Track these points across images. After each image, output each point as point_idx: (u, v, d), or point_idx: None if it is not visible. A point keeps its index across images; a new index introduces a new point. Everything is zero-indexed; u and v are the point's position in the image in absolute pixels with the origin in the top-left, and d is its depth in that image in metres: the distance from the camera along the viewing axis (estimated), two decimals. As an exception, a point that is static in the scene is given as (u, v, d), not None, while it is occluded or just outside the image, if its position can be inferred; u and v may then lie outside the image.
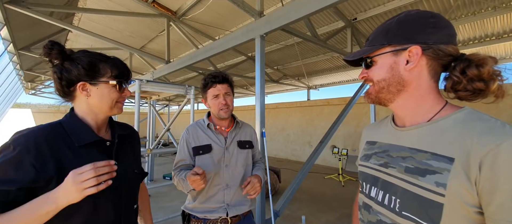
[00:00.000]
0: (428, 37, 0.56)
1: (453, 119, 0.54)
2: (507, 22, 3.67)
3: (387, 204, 0.59)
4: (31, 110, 14.97)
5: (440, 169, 0.50)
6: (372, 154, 0.69)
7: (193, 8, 3.94)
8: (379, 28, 0.63)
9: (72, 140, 0.71)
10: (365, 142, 0.76)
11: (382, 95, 0.63)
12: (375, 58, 0.62)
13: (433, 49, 0.56)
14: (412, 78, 0.58)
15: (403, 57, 0.58)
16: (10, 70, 7.60)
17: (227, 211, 1.23)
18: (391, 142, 0.65)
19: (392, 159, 0.62)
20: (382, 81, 0.62)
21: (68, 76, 0.73)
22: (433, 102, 0.59)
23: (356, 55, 0.65)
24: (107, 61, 0.78)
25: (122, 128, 0.90)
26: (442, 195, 0.49)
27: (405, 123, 0.63)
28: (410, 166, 0.56)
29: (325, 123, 7.64)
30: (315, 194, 4.57)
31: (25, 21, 3.82)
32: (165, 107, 13.40)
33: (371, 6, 3.50)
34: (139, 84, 3.58)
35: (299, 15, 2.20)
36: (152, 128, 5.62)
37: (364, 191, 0.69)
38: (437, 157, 0.52)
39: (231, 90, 1.30)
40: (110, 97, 0.77)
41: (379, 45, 0.61)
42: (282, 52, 5.56)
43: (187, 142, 1.28)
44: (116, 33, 5.03)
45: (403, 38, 0.58)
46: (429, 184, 0.51)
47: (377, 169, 0.65)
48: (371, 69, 0.64)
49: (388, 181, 0.60)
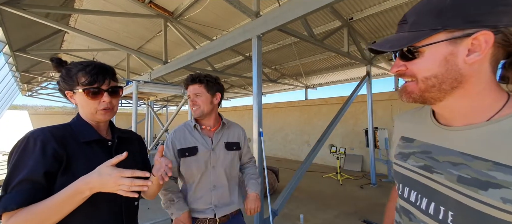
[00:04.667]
0: (499, 19, 0.42)
1: None
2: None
3: (434, 215, 0.51)
4: (28, 112, 14.85)
5: (508, 183, 0.41)
6: (410, 154, 0.60)
7: (190, 8, 3.94)
8: (424, 6, 0.48)
9: (78, 137, 0.79)
10: (400, 137, 0.66)
11: (430, 94, 0.50)
12: (422, 48, 0.47)
13: (503, 34, 0.43)
14: (472, 72, 0.46)
15: (463, 46, 0.44)
16: (6, 72, 7.54)
17: (215, 212, 1.24)
18: (435, 143, 0.54)
19: (437, 163, 0.52)
20: (432, 78, 0.48)
21: (59, 86, 0.83)
22: (493, 98, 0.47)
23: (396, 44, 0.49)
24: (83, 69, 0.79)
25: (121, 131, 0.97)
26: (510, 213, 0.41)
27: (454, 122, 0.52)
28: (465, 176, 0.46)
29: (323, 122, 7.67)
30: (313, 193, 4.60)
31: (20, 22, 3.80)
32: (163, 108, 13.36)
33: (367, 6, 3.52)
34: (137, 85, 3.58)
35: (295, 15, 2.21)
36: (150, 129, 5.61)
37: (401, 194, 0.61)
38: (502, 167, 0.42)
39: (205, 89, 1.26)
40: (87, 104, 0.81)
41: (429, 31, 0.46)
42: (280, 52, 5.58)
43: (173, 144, 1.27)
44: (113, 34, 5.01)
45: (465, 20, 0.43)
46: (493, 199, 0.42)
47: (417, 171, 0.56)
48: (414, 61, 0.49)
49: (434, 189, 0.52)
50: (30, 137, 0.70)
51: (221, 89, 1.34)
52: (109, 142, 0.86)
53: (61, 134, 0.75)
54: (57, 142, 0.72)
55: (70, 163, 0.73)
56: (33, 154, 0.68)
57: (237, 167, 1.38)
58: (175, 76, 8.17)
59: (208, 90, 1.27)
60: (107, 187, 0.67)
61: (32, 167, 0.66)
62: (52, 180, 0.69)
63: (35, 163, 0.67)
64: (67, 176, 0.71)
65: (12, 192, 0.63)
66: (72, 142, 0.76)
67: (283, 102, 9.45)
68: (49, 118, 14.17)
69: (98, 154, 0.81)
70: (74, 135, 0.79)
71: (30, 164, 0.66)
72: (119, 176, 0.67)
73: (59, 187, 0.68)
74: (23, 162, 0.67)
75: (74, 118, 0.85)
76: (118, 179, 0.66)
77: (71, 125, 0.82)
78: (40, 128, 0.74)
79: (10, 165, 0.67)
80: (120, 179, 0.66)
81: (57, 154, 0.71)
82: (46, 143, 0.70)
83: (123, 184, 0.66)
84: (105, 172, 0.67)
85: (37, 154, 0.68)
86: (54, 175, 0.70)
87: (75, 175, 0.70)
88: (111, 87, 0.84)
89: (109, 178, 0.66)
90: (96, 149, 0.81)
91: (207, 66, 5.61)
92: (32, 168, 0.66)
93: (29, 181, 0.65)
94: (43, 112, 15.47)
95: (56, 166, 0.70)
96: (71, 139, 0.77)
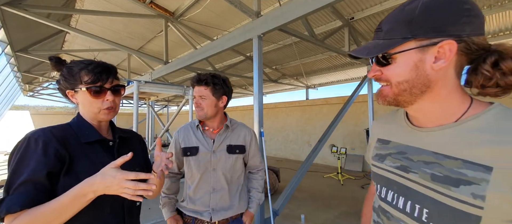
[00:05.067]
0: (462, 28, 0.46)
1: (484, 118, 0.47)
2: (502, 20, 3.70)
3: (410, 212, 0.54)
4: (30, 112, 14.90)
5: (477, 180, 0.44)
6: (387, 155, 0.63)
7: (191, 8, 3.94)
8: (397, 15, 0.52)
9: (79, 138, 0.78)
10: (377, 139, 0.69)
11: (403, 98, 0.54)
12: (396, 55, 0.51)
13: (465, 43, 0.47)
14: (438, 77, 0.50)
15: (430, 54, 0.48)
16: (7, 72, 7.57)
17: (211, 215, 1.22)
18: (409, 144, 0.58)
19: (412, 163, 0.55)
20: (404, 82, 0.52)
21: (59, 85, 0.82)
22: (459, 101, 0.51)
23: (372, 51, 0.53)
24: (86, 68, 0.78)
25: (122, 131, 0.96)
26: (480, 207, 0.44)
27: (426, 123, 0.56)
28: (438, 174, 0.49)
29: (324, 122, 7.66)
30: (314, 193, 4.59)
31: (22, 23, 3.81)
32: (164, 108, 13.38)
33: (368, 6, 3.51)
34: (138, 85, 3.59)
35: (296, 15, 2.21)
36: (151, 129, 5.62)
37: (380, 194, 0.63)
38: (471, 165, 0.46)
39: (211, 92, 1.22)
40: (90, 104, 0.79)
41: (400, 39, 0.50)
42: (280, 51, 5.57)
43: (177, 143, 1.30)
44: (114, 34, 5.02)
45: (432, 30, 0.47)
46: (464, 195, 0.45)
47: (393, 172, 0.59)
48: (388, 67, 0.53)
49: (410, 187, 0.55)
50: (30, 137, 0.69)
51: (228, 92, 1.29)
52: (111, 142, 0.85)
53: (62, 134, 0.75)
54: (58, 142, 0.71)
55: (73, 164, 0.72)
56: (35, 155, 0.67)
57: (240, 171, 1.32)
58: (176, 77, 8.18)
59: (214, 93, 1.23)
60: (111, 189, 0.66)
61: (34, 168, 0.65)
62: (54, 181, 0.68)
63: (37, 163, 0.66)
64: (69, 176, 0.70)
65: (15, 193, 0.62)
66: (74, 143, 0.76)
67: (284, 102, 9.44)
68: (51, 118, 14.21)
69: (100, 154, 0.80)
70: (75, 136, 0.78)
71: (32, 164, 0.65)
72: (124, 178, 0.65)
73: (62, 188, 0.67)
74: (25, 163, 0.66)
75: (74, 118, 0.84)
76: (122, 182, 0.65)
77: (72, 125, 0.81)
78: (40, 129, 0.73)
79: (12, 167, 0.66)
80: (124, 182, 0.65)
81: (59, 154, 0.70)
82: (47, 143, 0.69)
83: (127, 187, 0.65)
84: (109, 174, 0.65)
85: (39, 154, 0.67)
86: (57, 175, 0.69)
87: (78, 175, 0.70)
88: (114, 86, 0.83)
89: (113, 180, 0.65)
90: (98, 149, 0.80)
91: (208, 66, 5.61)
92: (34, 169, 0.65)
93: (32, 182, 0.64)
94: (44, 112, 15.51)
95: (59, 166, 0.69)
96: (72, 139, 0.76)
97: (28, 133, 0.71)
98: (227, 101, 1.31)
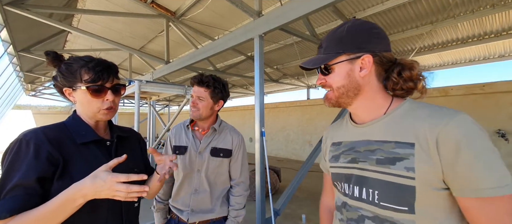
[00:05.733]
0: (375, 47, 0.63)
1: (402, 109, 0.63)
2: (505, 19, 3.67)
3: (366, 198, 0.62)
4: (32, 111, 14.98)
5: (406, 155, 0.56)
6: (340, 154, 0.72)
7: (192, 8, 3.94)
8: (331, 36, 0.67)
9: (75, 138, 0.75)
10: (331, 143, 0.79)
11: (342, 100, 0.68)
12: (333, 66, 0.66)
13: (379, 57, 0.64)
14: (365, 83, 0.65)
15: (357, 64, 0.64)
16: (10, 72, 7.61)
17: (189, 216, 1.22)
18: (356, 139, 0.69)
19: (360, 154, 0.66)
20: (341, 87, 0.66)
21: (56, 82, 0.78)
22: (382, 99, 0.67)
23: (316, 63, 0.68)
24: (86, 65, 0.75)
25: (121, 129, 0.93)
26: (412, 178, 0.54)
27: (364, 120, 0.69)
28: (380, 157, 0.60)
29: (325, 121, 7.64)
30: (315, 193, 4.58)
31: (24, 22, 3.82)
32: (165, 108, 13.40)
33: (369, 5, 3.50)
34: (139, 85, 3.59)
35: (297, 15, 2.20)
36: (152, 128, 5.63)
37: (341, 191, 0.71)
38: (401, 144, 0.57)
39: (210, 95, 1.22)
40: (88, 103, 0.76)
41: (335, 54, 0.65)
42: (282, 51, 5.56)
43: (170, 140, 1.32)
44: (115, 34, 5.03)
45: (356, 47, 0.63)
46: (400, 170, 0.56)
47: (347, 166, 0.69)
48: (329, 76, 0.68)
49: (362, 176, 0.64)
50: (22, 139, 0.66)
51: (225, 97, 1.30)
52: (108, 142, 0.82)
53: (56, 135, 0.71)
54: (51, 144, 0.68)
55: (67, 166, 0.69)
56: (26, 158, 0.64)
57: (225, 175, 1.30)
58: (177, 76, 8.19)
59: (212, 96, 1.23)
60: (101, 194, 0.63)
61: (25, 172, 0.62)
62: (47, 185, 0.65)
63: (28, 167, 0.63)
64: (63, 180, 0.67)
65: (5, 198, 0.60)
66: (68, 143, 0.72)
67: (285, 102, 9.43)
68: (52, 118, 14.27)
69: (97, 155, 0.77)
70: (70, 136, 0.74)
71: (22, 169, 0.62)
72: (114, 181, 0.62)
73: (56, 191, 0.64)
74: (15, 167, 0.63)
75: (69, 116, 0.80)
76: (113, 185, 0.62)
77: (67, 124, 0.77)
78: (33, 129, 0.69)
79: (3, 170, 0.63)
80: (115, 185, 0.62)
81: (51, 157, 0.67)
82: (39, 146, 0.66)
83: (119, 190, 0.62)
84: (99, 177, 0.62)
85: (30, 158, 0.64)
86: (50, 179, 0.66)
87: (73, 178, 0.67)
88: (115, 85, 0.80)
89: (103, 184, 0.62)
90: (94, 150, 0.77)
91: (209, 66, 5.61)
92: (25, 173, 0.62)
93: (22, 186, 0.61)
94: (46, 112, 15.59)
95: (51, 170, 0.66)
96: (67, 140, 0.72)
97: (20, 134, 0.68)
98: (222, 105, 1.32)
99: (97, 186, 0.62)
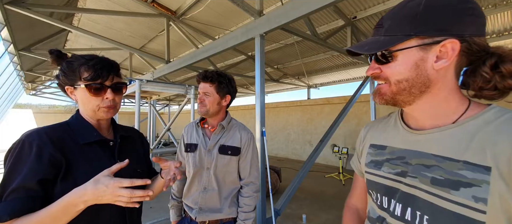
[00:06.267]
0: (465, 28, 0.45)
1: (482, 119, 0.46)
2: (507, 19, 3.66)
3: (410, 220, 0.51)
4: (32, 111, 14.99)
5: (477, 181, 0.43)
6: (384, 161, 0.59)
7: (193, 7, 3.94)
8: (399, 12, 0.50)
9: (77, 138, 0.74)
10: (369, 144, 0.66)
11: (401, 97, 0.52)
12: (396, 52, 0.50)
13: (467, 43, 0.46)
14: (438, 77, 0.48)
15: (432, 53, 0.47)
16: (10, 71, 7.62)
17: (196, 215, 1.21)
18: (407, 147, 0.55)
19: (411, 167, 0.53)
20: (404, 81, 0.50)
21: (58, 80, 0.77)
22: (458, 102, 0.50)
23: (373, 47, 0.51)
24: (86, 63, 0.74)
25: (124, 129, 0.92)
26: (483, 212, 0.42)
27: (424, 125, 0.54)
28: (438, 177, 0.47)
29: (326, 121, 7.63)
30: (316, 193, 4.58)
31: (25, 21, 3.82)
32: (166, 107, 13.41)
33: (371, 5, 3.49)
34: (139, 84, 3.59)
35: (298, 14, 2.19)
36: (152, 128, 5.63)
37: (378, 203, 0.60)
38: (471, 166, 0.44)
39: (215, 90, 1.21)
40: (89, 101, 0.75)
41: (402, 36, 0.48)
42: (282, 51, 5.55)
43: (183, 139, 1.34)
44: (116, 33, 5.03)
45: (435, 28, 0.46)
46: (465, 199, 0.43)
47: (394, 178, 0.56)
48: (387, 65, 0.52)
49: (409, 193, 0.52)
50: (24, 140, 0.65)
51: (232, 92, 1.28)
52: (111, 142, 0.81)
53: (59, 136, 0.70)
54: (54, 145, 0.67)
55: (70, 168, 0.68)
56: (28, 160, 0.63)
57: (234, 174, 1.27)
58: (178, 76, 8.18)
59: (218, 91, 1.22)
60: (103, 199, 0.61)
61: (26, 175, 0.61)
62: (49, 187, 0.64)
63: (30, 170, 0.62)
64: (67, 182, 0.66)
65: (6, 201, 0.59)
66: (71, 144, 0.71)
67: (285, 102, 9.42)
68: (53, 117, 14.28)
69: (100, 155, 0.76)
70: (73, 136, 0.73)
71: (24, 171, 0.61)
72: (117, 186, 0.60)
73: (59, 194, 0.63)
74: (17, 169, 0.62)
75: (73, 115, 0.80)
76: (116, 190, 0.60)
77: (70, 124, 0.76)
78: (35, 130, 0.68)
79: (5, 172, 0.62)
80: (118, 190, 0.60)
81: (54, 159, 0.65)
82: (42, 148, 0.65)
83: (121, 195, 0.60)
84: (101, 182, 0.61)
85: (32, 160, 0.63)
86: (52, 181, 0.65)
87: (76, 180, 0.66)
88: (115, 83, 0.78)
89: (105, 189, 0.60)
90: (97, 151, 0.76)
91: (209, 65, 5.61)
92: (26, 176, 0.61)
93: (23, 189, 0.60)
94: (47, 111, 15.60)
95: (53, 172, 0.65)
96: (70, 140, 0.72)
97: (23, 135, 0.67)
98: (231, 101, 1.31)
99: (100, 192, 0.61)
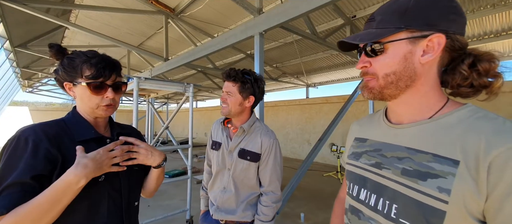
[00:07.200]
0: (449, 25, 0.48)
1: (456, 116, 0.49)
2: (505, 19, 3.67)
3: (381, 210, 0.53)
4: (29, 108, 14.87)
5: (444, 173, 0.45)
6: (362, 153, 0.62)
7: (192, 5, 3.91)
8: (390, 6, 0.52)
9: (74, 135, 0.74)
10: (354, 138, 0.69)
11: (388, 91, 0.53)
12: (387, 44, 0.51)
13: (451, 40, 0.48)
14: (423, 72, 0.50)
15: (420, 46, 0.49)
16: (6, 68, 7.53)
17: (214, 212, 1.23)
18: (385, 140, 0.58)
19: (386, 159, 0.55)
20: (391, 74, 0.51)
21: (57, 76, 0.77)
22: (437, 98, 0.53)
23: (364, 38, 0.52)
24: (88, 61, 0.73)
25: (121, 127, 0.92)
26: (445, 201, 0.44)
27: (402, 120, 0.56)
28: (408, 168, 0.50)
29: (324, 120, 7.65)
30: (314, 192, 4.59)
31: (21, 18, 3.77)
32: (164, 105, 13.35)
33: (370, 4, 3.48)
34: (137, 82, 3.56)
35: (298, 13, 2.18)
36: (150, 126, 5.60)
37: (351, 193, 0.62)
38: (440, 159, 0.46)
39: (238, 90, 1.16)
40: (88, 99, 0.75)
41: (393, 29, 0.50)
42: (281, 50, 5.54)
43: (211, 134, 1.38)
44: (113, 30, 4.98)
45: (424, 23, 0.48)
46: (430, 189, 0.46)
47: (368, 169, 0.59)
48: (376, 58, 0.53)
49: (381, 184, 0.54)
50: (20, 136, 0.65)
51: (257, 93, 1.20)
52: (108, 139, 0.81)
53: (55, 133, 0.70)
54: (50, 142, 0.67)
55: (66, 165, 0.67)
56: (24, 156, 0.63)
57: (253, 180, 1.21)
58: (176, 74, 8.14)
59: (241, 91, 1.16)
60: (103, 167, 0.69)
61: (22, 170, 0.61)
62: (45, 183, 0.64)
63: (25, 165, 0.62)
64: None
65: (1, 195, 0.59)
66: (67, 141, 0.71)
67: (284, 101, 9.42)
68: (50, 114, 14.18)
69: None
70: (69, 133, 0.73)
71: (20, 166, 0.62)
72: (106, 150, 0.70)
73: None
74: (13, 164, 0.62)
75: (69, 112, 0.79)
76: (107, 153, 0.70)
77: (66, 121, 0.76)
78: (31, 126, 0.68)
79: (0, 167, 0.62)
80: (108, 153, 0.70)
81: (50, 155, 0.65)
82: (38, 143, 0.65)
83: (115, 155, 0.71)
84: (94, 153, 0.68)
85: (28, 156, 0.63)
86: (47, 177, 0.64)
87: None
88: (116, 82, 0.78)
89: (100, 156, 0.68)
90: (94, 148, 0.74)
91: (208, 63, 5.58)
92: (22, 171, 0.61)
93: (19, 184, 0.60)
94: (43, 108, 15.48)
95: (49, 167, 0.65)
96: (66, 137, 0.71)
97: (19, 131, 0.66)
98: (256, 102, 1.23)
99: (97, 160, 0.67)
